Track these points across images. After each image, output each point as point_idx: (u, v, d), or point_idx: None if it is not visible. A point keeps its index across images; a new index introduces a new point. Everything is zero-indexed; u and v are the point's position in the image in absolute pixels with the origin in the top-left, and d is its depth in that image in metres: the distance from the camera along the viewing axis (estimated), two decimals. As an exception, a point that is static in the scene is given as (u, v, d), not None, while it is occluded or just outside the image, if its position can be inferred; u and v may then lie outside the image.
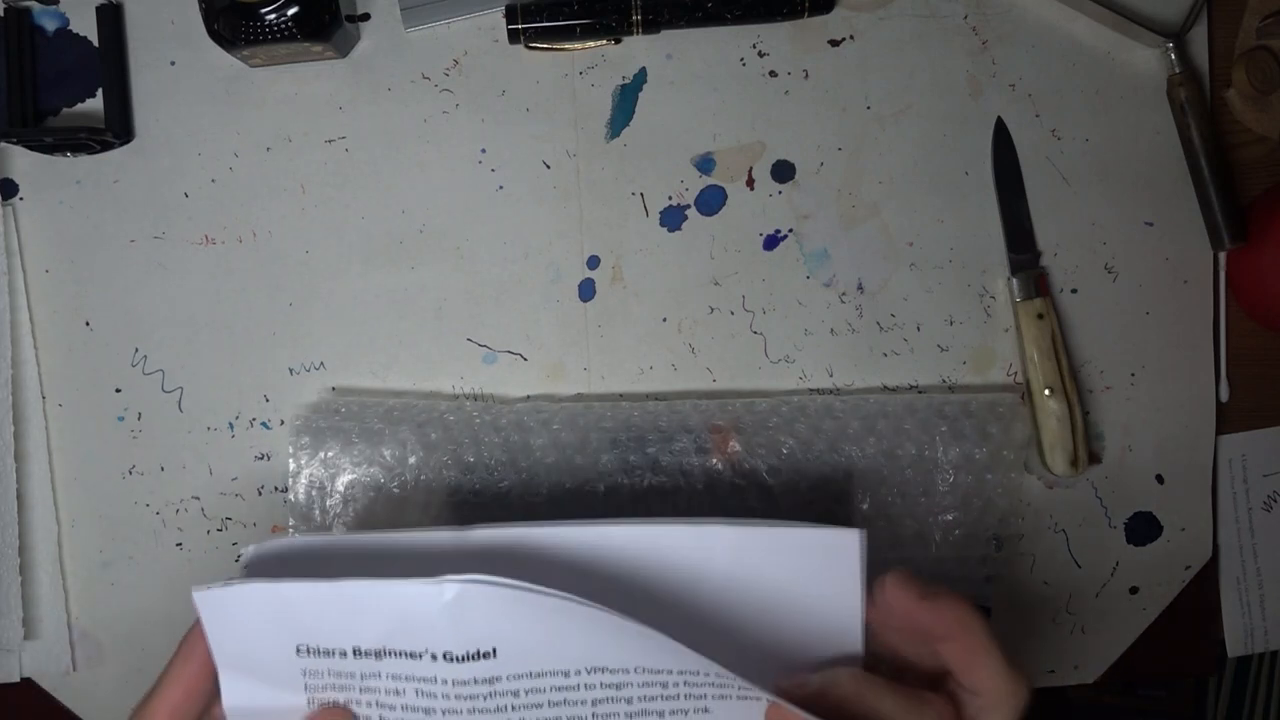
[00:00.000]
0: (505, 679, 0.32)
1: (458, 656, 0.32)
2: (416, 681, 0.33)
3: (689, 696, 0.33)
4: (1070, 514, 0.51)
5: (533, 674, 0.32)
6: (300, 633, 0.33)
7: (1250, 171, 0.51)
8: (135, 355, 0.49)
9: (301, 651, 0.33)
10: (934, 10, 0.50)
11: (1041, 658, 0.51)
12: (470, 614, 0.31)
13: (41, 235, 0.49)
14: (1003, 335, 0.50)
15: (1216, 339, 0.51)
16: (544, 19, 0.47)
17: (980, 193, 0.50)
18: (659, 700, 0.33)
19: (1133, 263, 0.50)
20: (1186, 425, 0.51)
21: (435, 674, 0.32)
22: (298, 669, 0.33)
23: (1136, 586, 0.51)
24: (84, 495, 0.49)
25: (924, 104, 0.50)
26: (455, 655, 0.32)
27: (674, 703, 0.34)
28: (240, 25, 0.44)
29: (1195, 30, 0.49)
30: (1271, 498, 0.52)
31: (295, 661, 0.33)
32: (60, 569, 0.49)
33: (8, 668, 0.49)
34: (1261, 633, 0.52)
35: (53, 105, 0.49)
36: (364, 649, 0.32)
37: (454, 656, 0.32)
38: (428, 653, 0.32)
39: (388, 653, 0.32)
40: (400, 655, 0.32)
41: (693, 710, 0.34)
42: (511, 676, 0.32)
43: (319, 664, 0.33)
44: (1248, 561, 0.52)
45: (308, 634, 0.33)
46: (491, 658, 0.32)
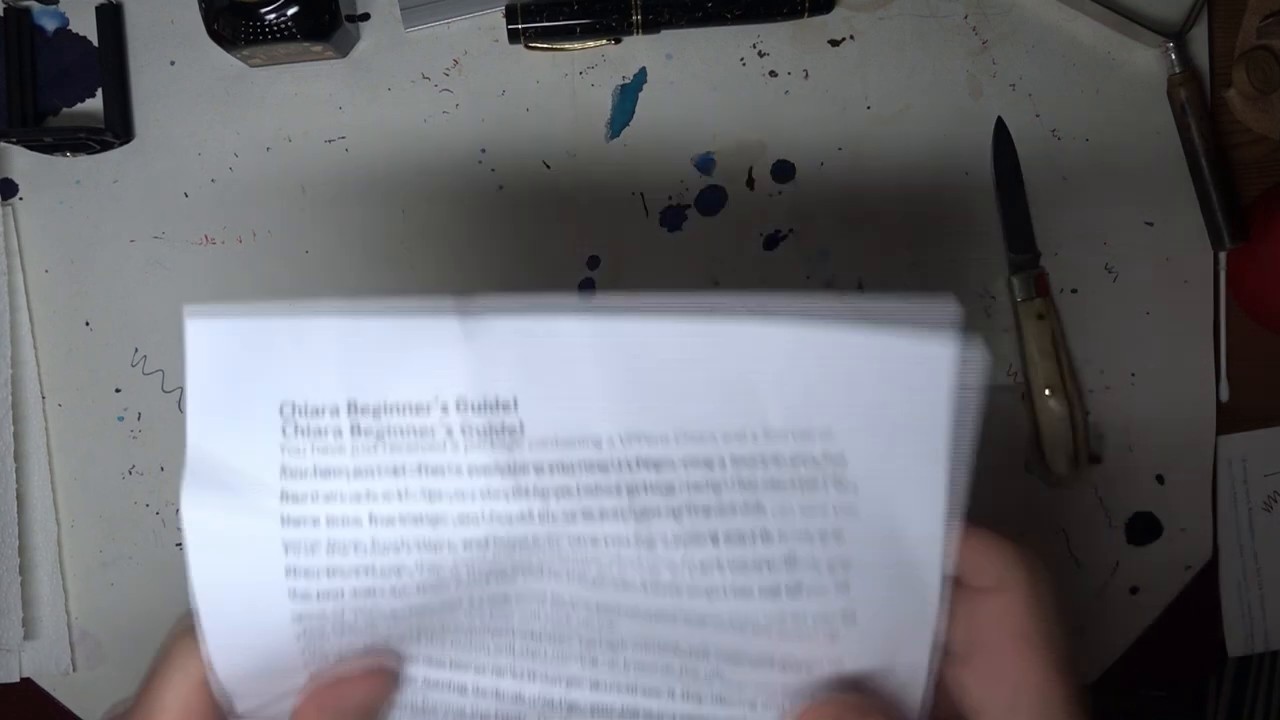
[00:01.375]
0: (528, 445, 0.27)
1: (472, 404, 0.27)
2: (421, 453, 0.27)
3: (740, 484, 0.28)
4: (1070, 514, 0.51)
5: (560, 441, 0.27)
6: (289, 380, 0.27)
7: (1250, 171, 0.51)
8: (135, 355, 0.49)
9: (286, 410, 0.27)
10: (934, 10, 0.50)
11: (1041, 658, 0.51)
12: (490, 353, 0.27)
13: (41, 235, 0.49)
14: (1003, 335, 0.50)
15: (1216, 339, 0.51)
16: (544, 19, 0.47)
17: (980, 193, 0.50)
18: (705, 490, 0.28)
19: (1133, 263, 0.50)
20: (1186, 425, 0.51)
21: (448, 432, 0.27)
22: (275, 444, 0.27)
23: (1136, 586, 0.51)
24: (84, 495, 0.49)
25: (924, 104, 0.50)
26: (470, 403, 0.27)
27: (720, 494, 0.28)
28: (240, 25, 0.44)
29: (1195, 30, 0.49)
30: (1272, 498, 0.52)
31: (274, 431, 0.27)
32: (60, 569, 0.49)
33: (7, 668, 0.49)
34: (1261, 633, 0.52)
35: (52, 105, 0.49)
36: (360, 404, 0.27)
37: (467, 404, 0.27)
38: (437, 402, 0.27)
39: (388, 408, 0.27)
40: (404, 410, 0.27)
41: (742, 509, 0.28)
42: (534, 443, 0.27)
43: (301, 431, 0.27)
44: (1248, 562, 0.52)
45: (298, 382, 0.27)
46: (512, 409, 0.27)
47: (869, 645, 0.29)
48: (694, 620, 0.29)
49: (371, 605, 0.28)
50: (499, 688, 0.31)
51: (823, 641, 0.29)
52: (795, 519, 0.28)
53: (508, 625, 0.30)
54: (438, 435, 0.27)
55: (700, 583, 0.28)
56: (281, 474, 0.27)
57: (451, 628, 0.30)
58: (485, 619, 0.30)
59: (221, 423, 0.27)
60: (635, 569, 0.28)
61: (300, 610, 0.28)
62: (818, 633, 0.29)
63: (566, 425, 0.27)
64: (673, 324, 0.27)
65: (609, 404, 0.27)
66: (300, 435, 0.27)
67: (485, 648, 0.31)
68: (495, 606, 0.30)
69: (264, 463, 0.27)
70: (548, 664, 0.31)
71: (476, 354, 0.27)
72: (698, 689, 0.31)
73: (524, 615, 0.30)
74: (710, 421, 0.27)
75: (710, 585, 0.28)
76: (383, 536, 0.28)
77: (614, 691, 0.31)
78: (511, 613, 0.30)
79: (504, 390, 0.27)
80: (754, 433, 0.28)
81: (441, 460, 0.27)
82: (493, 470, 0.27)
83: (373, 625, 0.29)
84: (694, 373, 0.27)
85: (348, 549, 0.28)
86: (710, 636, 0.30)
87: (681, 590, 0.28)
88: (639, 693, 0.31)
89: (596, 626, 0.30)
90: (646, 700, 0.31)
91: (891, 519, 0.28)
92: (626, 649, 0.30)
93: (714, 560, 0.28)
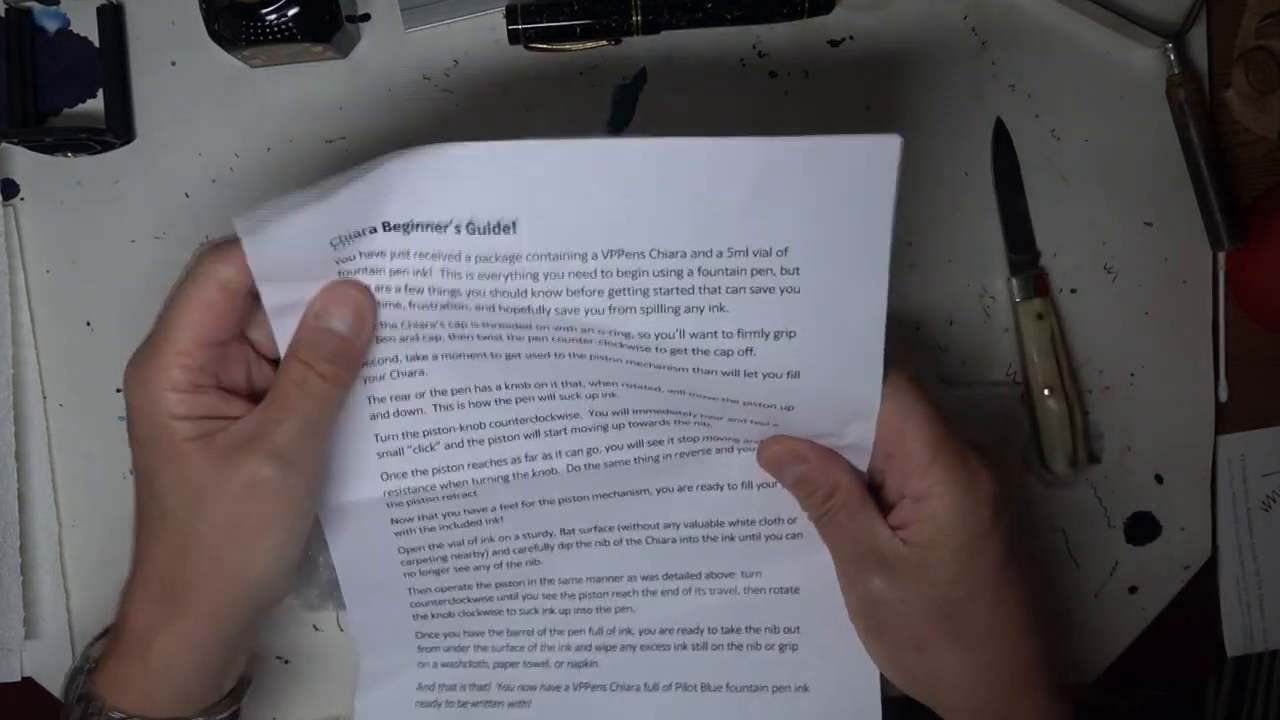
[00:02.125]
0: (525, 258, 0.33)
1: (479, 227, 0.33)
2: (442, 259, 0.34)
3: (704, 289, 0.33)
4: (1069, 514, 0.51)
5: (551, 255, 0.33)
6: (334, 229, 0.34)
7: (1250, 171, 0.51)
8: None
9: (335, 242, 0.34)
10: (934, 10, 0.50)
11: (1041, 657, 0.51)
12: (492, 180, 0.32)
13: (42, 235, 0.49)
14: (1002, 335, 0.50)
15: (1216, 339, 0.51)
16: (544, 19, 0.47)
17: (980, 193, 0.50)
18: (674, 294, 0.33)
19: (1132, 263, 0.50)
20: (1186, 425, 0.51)
21: (459, 249, 0.33)
22: (330, 259, 0.34)
23: (1135, 586, 0.51)
24: (85, 495, 0.49)
25: (923, 104, 0.50)
26: (477, 226, 0.33)
27: (689, 297, 0.33)
28: (241, 26, 0.44)
29: (1195, 31, 0.49)
30: (1271, 498, 0.52)
31: (329, 253, 0.34)
32: (61, 569, 0.49)
33: (9, 667, 0.49)
34: (1260, 632, 0.52)
35: (53, 106, 0.49)
36: (392, 222, 0.33)
37: (476, 227, 0.33)
38: (452, 224, 0.33)
39: (414, 225, 0.33)
40: (426, 228, 0.33)
41: (708, 307, 0.33)
42: (531, 256, 0.33)
43: (350, 247, 0.34)
44: (1247, 561, 0.52)
45: (340, 226, 0.33)
46: (512, 231, 0.33)
47: (821, 410, 0.35)
48: (676, 389, 0.36)
49: (418, 349, 0.36)
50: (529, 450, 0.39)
51: (780, 411, 0.36)
52: (751, 315, 0.34)
53: (530, 412, 0.38)
54: (453, 244, 0.33)
55: (666, 345, 0.34)
56: (340, 276, 0.35)
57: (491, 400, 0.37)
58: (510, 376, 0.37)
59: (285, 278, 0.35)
60: (610, 331, 0.34)
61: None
62: (774, 398, 0.35)
63: (558, 243, 0.33)
64: (652, 144, 0.32)
65: (595, 225, 0.33)
66: (346, 245, 0.34)
67: (517, 437, 0.38)
68: (514, 366, 0.36)
69: (324, 271, 0.34)
70: (569, 438, 0.38)
71: (482, 182, 0.32)
72: (692, 433, 0.38)
73: (542, 396, 0.37)
74: (681, 241, 0.33)
75: (675, 348, 0.34)
76: (419, 305, 0.35)
77: (625, 448, 0.38)
78: (531, 394, 0.37)
79: (506, 214, 0.33)
80: (719, 250, 0.33)
81: (457, 264, 0.33)
82: (497, 267, 0.33)
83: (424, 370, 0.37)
84: (669, 195, 0.32)
85: (394, 323, 0.36)
86: (691, 402, 0.36)
87: (651, 349, 0.34)
88: (645, 444, 0.38)
89: (602, 399, 0.37)
90: (652, 448, 0.38)
91: (839, 311, 0.33)
92: (629, 414, 0.37)
93: (675, 329, 0.34)
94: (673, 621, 0.41)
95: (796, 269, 0.33)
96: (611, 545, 0.40)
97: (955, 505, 0.35)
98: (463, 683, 0.43)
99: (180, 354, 0.35)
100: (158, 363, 0.35)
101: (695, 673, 0.41)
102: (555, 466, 0.39)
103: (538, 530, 0.40)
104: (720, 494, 0.39)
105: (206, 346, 0.35)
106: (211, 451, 0.35)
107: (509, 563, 0.41)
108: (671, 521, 0.40)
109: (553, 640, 0.42)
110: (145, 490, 0.37)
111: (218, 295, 0.35)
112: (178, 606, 0.37)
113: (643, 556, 0.40)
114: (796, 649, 0.41)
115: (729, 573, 0.40)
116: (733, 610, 0.41)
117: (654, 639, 0.41)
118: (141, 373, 0.35)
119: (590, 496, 0.39)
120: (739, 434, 0.38)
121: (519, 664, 0.42)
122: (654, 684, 0.42)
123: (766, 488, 0.39)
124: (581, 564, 0.41)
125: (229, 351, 0.36)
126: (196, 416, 0.35)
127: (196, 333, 0.35)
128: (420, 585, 0.41)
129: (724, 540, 0.40)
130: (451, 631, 0.42)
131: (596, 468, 0.39)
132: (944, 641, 0.36)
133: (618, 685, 0.42)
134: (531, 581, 0.41)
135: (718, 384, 0.35)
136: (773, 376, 0.34)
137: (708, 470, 0.39)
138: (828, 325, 0.34)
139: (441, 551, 0.40)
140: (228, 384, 0.36)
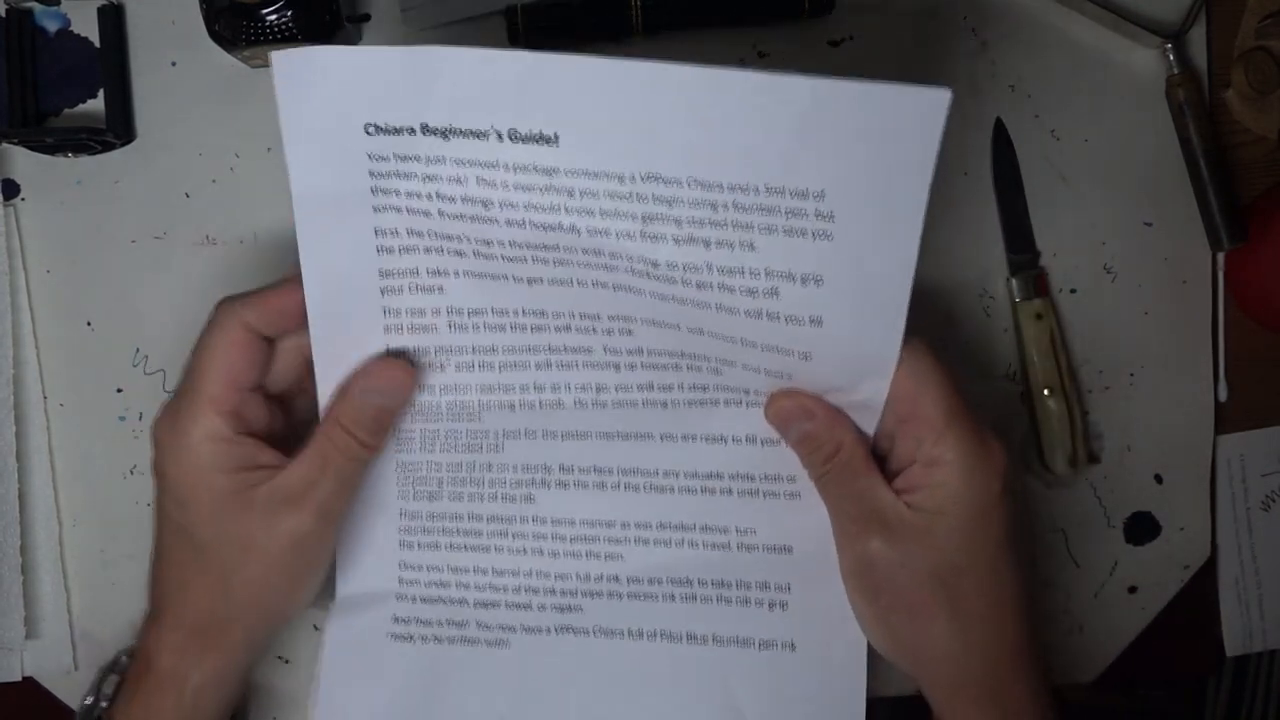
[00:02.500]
0: (563, 173, 0.33)
1: (521, 136, 0.32)
2: (479, 167, 0.33)
3: (737, 225, 0.33)
4: (1069, 514, 0.51)
5: (589, 173, 0.33)
6: (372, 107, 0.33)
7: (1249, 171, 0.51)
8: (136, 355, 0.49)
9: (370, 130, 0.33)
10: (934, 10, 0.50)
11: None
12: (539, 88, 0.31)
13: (43, 235, 0.49)
14: (1002, 335, 0.50)
15: (1215, 339, 0.51)
16: (544, 20, 0.47)
17: (980, 193, 0.50)
18: (707, 227, 0.33)
19: (1132, 263, 0.50)
20: (1185, 425, 0.51)
21: (498, 158, 0.33)
22: (363, 151, 0.33)
23: (1135, 586, 0.51)
24: (85, 495, 0.49)
25: (923, 104, 0.50)
26: (519, 134, 0.32)
27: (721, 231, 0.33)
28: (241, 26, 0.44)
29: (1194, 31, 0.49)
30: (1270, 497, 0.52)
31: (363, 142, 0.33)
32: (62, 568, 0.49)
33: (9, 667, 0.49)
34: (1260, 632, 0.52)
35: (54, 106, 0.49)
36: (431, 125, 0.32)
37: (518, 135, 0.32)
38: (493, 131, 0.32)
39: (454, 131, 0.32)
40: (466, 135, 0.32)
41: (739, 244, 0.33)
42: (569, 172, 0.33)
43: (385, 145, 0.33)
44: (1246, 561, 0.52)
45: (378, 108, 0.33)
46: (553, 143, 0.32)
47: (838, 362, 0.35)
48: (695, 328, 0.35)
49: (440, 264, 0.36)
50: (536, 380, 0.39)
51: (796, 358, 0.35)
52: (780, 256, 0.33)
53: (544, 342, 0.38)
54: (492, 152, 0.33)
55: (693, 278, 0.34)
56: (370, 176, 0.34)
57: (507, 326, 0.38)
58: (529, 302, 0.37)
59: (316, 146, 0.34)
60: (639, 258, 0.33)
61: (383, 265, 0.36)
62: (793, 344, 0.35)
63: (597, 160, 0.32)
64: (702, 72, 0.31)
65: (635, 147, 0.32)
66: (381, 140, 0.33)
67: (528, 365, 0.38)
68: (535, 293, 0.36)
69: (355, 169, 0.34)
70: (580, 372, 0.38)
71: (527, 91, 0.32)
72: (703, 381, 0.38)
73: (558, 326, 0.37)
74: (720, 173, 0.32)
75: (701, 281, 0.34)
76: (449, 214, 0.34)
77: (635, 389, 0.38)
78: (548, 323, 0.37)
79: (547, 126, 0.32)
80: (757, 187, 0.32)
81: (494, 173, 0.33)
82: (534, 179, 0.33)
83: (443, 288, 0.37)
84: (714, 125, 0.32)
85: (420, 232, 0.35)
86: (708, 343, 0.36)
87: (677, 282, 0.34)
88: (655, 388, 0.38)
89: (618, 336, 0.37)
90: (661, 393, 0.38)
91: (869, 262, 0.33)
92: (643, 354, 0.37)
93: (704, 263, 0.33)
94: (662, 571, 0.41)
95: (831, 214, 0.32)
96: (609, 489, 0.40)
97: (966, 474, 0.35)
98: (440, 618, 0.42)
99: (214, 400, 0.36)
100: (193, 412, 0.36)
101: (681, 623, 0.41)
102: (562, 399, 0.39)
103: (537, 464, 0.40)
104: (724, 447, 0.39)
105: (239, 391, 0.37)
106: (255, 506, 0.37)
107: (504, 495, 0.41)
108: (672, 470, 0.40)
109: (538, 583, 0.42)
110: (179, 539, 0.38)
111: (243, 337, 0.36)
112: (211, 643, 0.39)
113: (639, 503, 0.40)
114: (786, 607, 0.41)
115: (724, 527, 0.41)
116: (724, 564, 0.41)
117: (642, 588, 0.41)
118: (177, 425, 0.37)
119: (593, 435, 0.39)
120: (750, 384, 0.37)
121: (500, 604, 0.42)
122: (638, 631, 0.42)
123: (770, 444, 0.39)
124: (576, 505, 0.41)
125: (252, 398, 0.38)
126: (234, 469, 0.37)
127: (228, 376, 0.36)
128: (412, 509, 0.41)
129: (722, 494, 0.40)
130: (435, 565, 0.42)
131: (603, 405, 0.39)
132: (939, 610, 0.37)
133: (601, 631, 0.42)
134: (524, 519, 0.41)
135: (739, 324, 0.35)
136: (795, 321, 0.34)
137: (714, 421, 0.39)
138: (856, 275, 0.33)
139: (439, 474, 0.41)
140: (256, 430, 0.38)
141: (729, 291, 0.34)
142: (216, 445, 0.36)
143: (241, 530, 0.37)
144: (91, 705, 0.42)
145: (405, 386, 0.38)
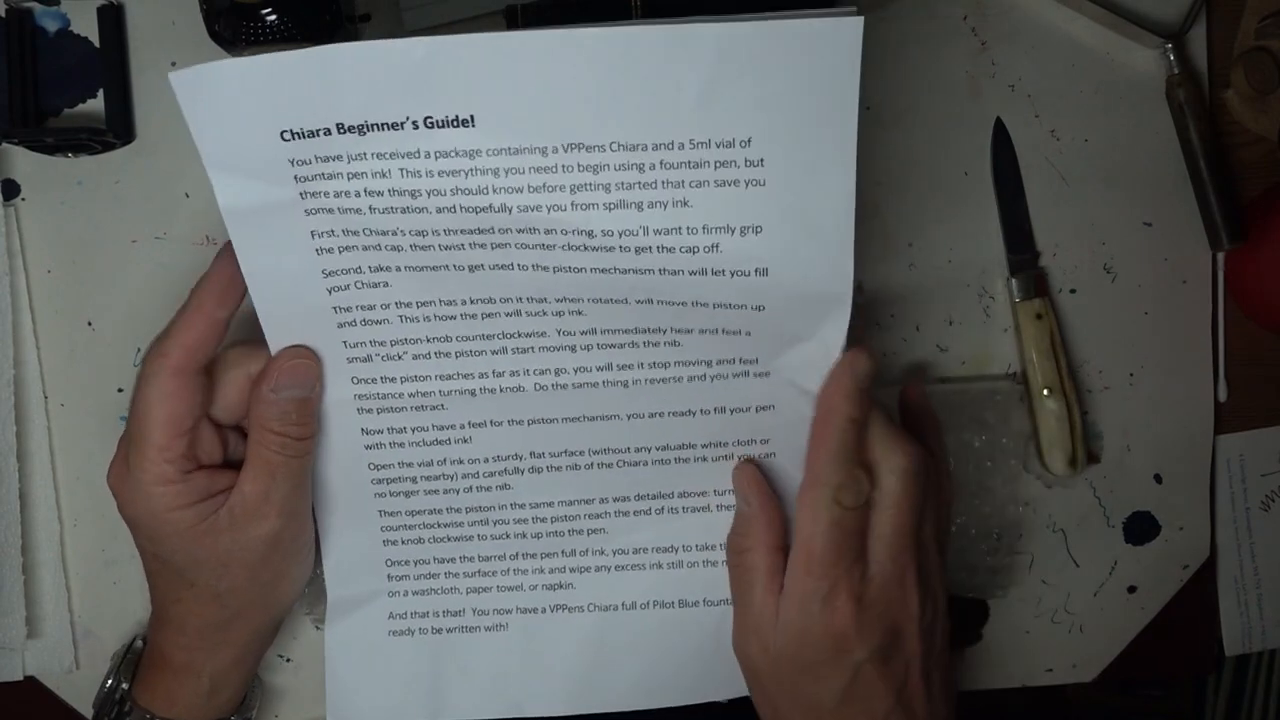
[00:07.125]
0: (485, 153, 0.33)
1: (437, 121, 0.32)
2: (401, 159, 0.33)
3: (667, 184, 0.33)
4: (1068, 513, 0.51)
5: (511, 149, 0.32)
6: (283, 114, 0.33)
7: (1249, 171, 0.51)
8: (137, 355, 0.49)
9: (287, 136, 0.33)
10: (934, 10, 0.50)
11: (1039, 657, 0.51)
12: (445, 72, 0.32)
13: (43, 235, 0.49)
14: (1002, 335, 0.50)
15: (1215, 339, 0.51)
16: (544, 18, 0.47)
17: (980, 193, 0.50)
18: (636, 189, 0.33)
19: (1131, 263, 0.50)
20: (1185, 425, 0.51)
21: (418, 146, 0.33)
22: (284, 157, 0.33)
23: (1134, 586, 0.51)
24: (86, 494, 0.49)
25: (924, 104, 0.50)
26: (435, 120, 0.32)
27: (652, 191, 0.33)
28: (241, 26, 0.44)
29: (1194, 31, 0.49)
30: (1269, 497, 0.52)
31: (281, 149, 0.33)
32: (63, 568, 0.49)
33: (11, 666, 0.49)
34: (1259, 632, 0.52)
35: (54, 106, 0.49)
36: (346, 123, 0.32)
37: (434, 121, 0.32)
38: (408, 120, 0.32)
39: (369, 125, 0.32)
40: (382, 128, 0.32)
41: (671, 202, 0.33)
42: (491, 151, 0.33)
43: (305, 149, 0.33)
44: (1245, 561, 0.52)
45: (290, 114, 0.33)
46: (470, 125, 0.32)
47: (792, 309, 0.35)
48: (643, 297, 0.35)
49: (381, 260, 0.36)
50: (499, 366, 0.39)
51: (750, 312, 0.35)
52: (716, 209, 0.33)
53: (496, 329, 0.37)
54: (411, 141, 0.33)
55: (630, 243, 0.33)
56: (295, 181, 0.34)
57: (456, 314, 0.37)
58: (474, 290, 0.36)
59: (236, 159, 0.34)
60: (573, 229, 0.33)
61: (325, 265, 0.36)
62: (743, 298, 0.35)
63: (517, 137, 0.32)
64: (607, 32, 0.31)
65: (552, 118, 0.32)
66: (299, 145, 0.33)
67: (484, 352, 0.38)
68: (478, 280, 0.36)
69: (279, 176, 0.34)
70: (537, 356, 0.38)
71: (434, 76, 0.32)
72: (663, 357, 0.38)
73: (508, 312, 0.37)
74: (642, 133, 0.32)
75: (639, 246, 0.34)
76: (379, 209, 0.34)
77: (594, 370, 0.38)
78: (498, 309, 0.37)
79: (462, 109, 0.32)
80: (681, 142, 0.32)
81: (417, 162, 0.33)
82: (457, 163, 0.33)
83: (389, 282, 0.37)
84: (627, 85, 0.31)
85: (355, 230, 0.35)
86: (660, 312, 0.36)
87: (615, 250, 0.34)
88: (614, 368, 0.38)
89: (569, 318, 0.37)
90: (621, 372, 0.38)
91: (806, 202, 0.33)
92: (597, 334, 0.37)
93: (639, 226, 0.33)
94: (647, 541, 0.42)
95: (761, 160, 0.32)
96: (583, 469, 0.40)
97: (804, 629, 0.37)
98: (436, 609, 0.43)
99: (160, 449, 0.37)
100: (141, 462, 0.38)
101: (673, 590, 0.42)
102: (523, 384, 0.39)
103: (507, 453, 0.40)
104: (692, 419, 0.39)
105: (182, 434, 0.38)
106: (220, 529, 0.38)
107: (479, 486, 0.41)
108: (643, 445, 0.40)
109: (525, 564, 0.42)
110: (161, 566, 0.40)
111: (173, 384, 0.37)
112: (218, 640, 0.41)
113: (614, 478, 0.41)
114: None
115: (702, 491, 0.41)
116: (706, 528, 0.41)
117: (628, 559, 0.42)
118: (130, 476, 0.38)
119: (559, 420, 0.39)
120: (711, 353, 0.37)
121: (492, 589, 0.43)
122: (631, 603, 0.42)
123: (740, 413, 0.39)
124: (552, 488, 0.41)
125: (200, 433, 0.39)
126: (191, 504, 0.38)
127: (168, 424, 0.37)
128: (390, 508, 0.41)
129: (696, 461, 0.40)
130: (421, 559, 0.42)
131: (564, 388, 0.38)
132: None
133: (595, 606, 0.42)
134: (502, 506, 0.41)
135: (686, 286, 0.34)
136: (741, 274, 0.34)
137: (678, 398, 0.39)
138: (795, 218, 0.33)
139: (411, 471, 0.41)
140: (206, 460, 0.39)
141: (669, 253, 0.34)
142: (169, 488, 0.38)
143: (215, 551, 0.39)
144: (113, 687, 0.44)
145: (310, 371, 0.38)
